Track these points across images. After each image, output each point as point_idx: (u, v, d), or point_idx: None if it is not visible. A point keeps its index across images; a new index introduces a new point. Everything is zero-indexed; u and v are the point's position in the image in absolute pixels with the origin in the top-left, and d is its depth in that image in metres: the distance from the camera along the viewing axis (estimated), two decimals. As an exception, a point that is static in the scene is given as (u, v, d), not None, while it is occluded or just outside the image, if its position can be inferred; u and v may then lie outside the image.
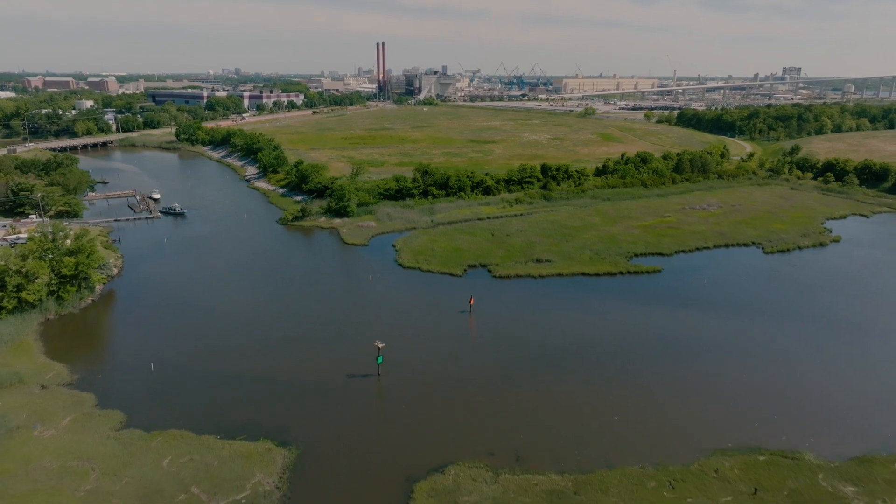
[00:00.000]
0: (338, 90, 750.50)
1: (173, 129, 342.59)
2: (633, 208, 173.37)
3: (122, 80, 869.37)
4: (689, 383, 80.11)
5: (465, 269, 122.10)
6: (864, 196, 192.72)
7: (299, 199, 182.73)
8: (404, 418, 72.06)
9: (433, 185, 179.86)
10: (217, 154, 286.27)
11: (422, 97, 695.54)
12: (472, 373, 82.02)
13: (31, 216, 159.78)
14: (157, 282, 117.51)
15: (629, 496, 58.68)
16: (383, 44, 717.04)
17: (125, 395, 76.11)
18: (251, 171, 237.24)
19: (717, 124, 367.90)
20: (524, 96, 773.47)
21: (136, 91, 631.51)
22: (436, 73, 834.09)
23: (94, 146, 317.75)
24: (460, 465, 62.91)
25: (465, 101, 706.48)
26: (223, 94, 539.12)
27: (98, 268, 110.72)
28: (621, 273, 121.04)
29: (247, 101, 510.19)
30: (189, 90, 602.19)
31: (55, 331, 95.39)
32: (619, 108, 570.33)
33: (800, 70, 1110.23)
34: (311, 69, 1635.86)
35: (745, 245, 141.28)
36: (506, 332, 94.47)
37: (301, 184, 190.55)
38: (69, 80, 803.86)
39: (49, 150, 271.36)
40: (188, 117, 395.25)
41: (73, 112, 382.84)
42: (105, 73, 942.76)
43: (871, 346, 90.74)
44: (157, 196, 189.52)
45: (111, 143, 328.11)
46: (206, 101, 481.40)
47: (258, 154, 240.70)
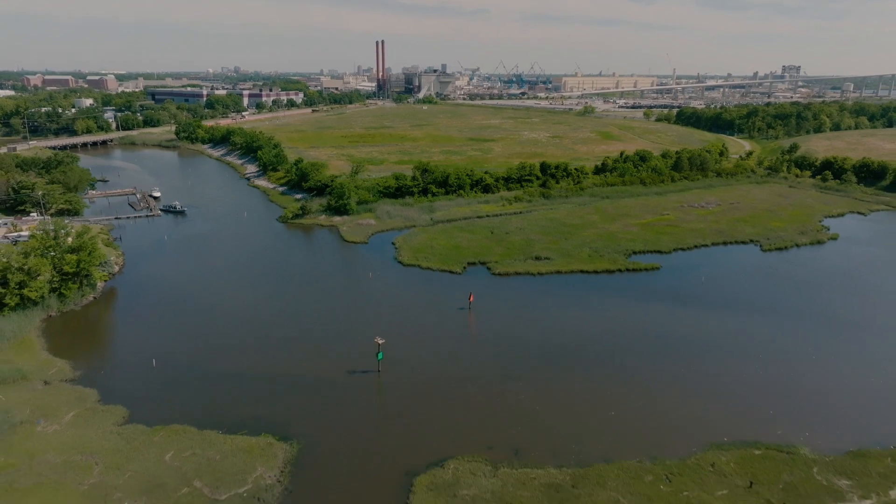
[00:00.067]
0: (337, 88, 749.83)
1: (173, 128, 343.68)
2: (631, 206, 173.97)
3: (121, 78, 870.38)
4: (686, 379, 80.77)
5: (465, 267, 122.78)
6: (861, 194, 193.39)
7: (299, 197, 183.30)
8: (404, 413, 72.76)
9: (433, 184, 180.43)
10: (217, 152, 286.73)
11: (421, 95, 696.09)
12: (471, 369, 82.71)
13: (32, 214, 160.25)
14: (157, 279, 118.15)
15: (626, 489, 59.42)
16: (383, 42, 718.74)
17: (127, 391, 76.79)
18: (251, 169, 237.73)
19: (716, 123, 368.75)
20: (523, 95, 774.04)
21: (136, 89, 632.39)
22: (435, 71, 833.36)
23: (94, 144, 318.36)
24: (459, 459, 63.59)
25: (464, 99, 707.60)
26: (223, 92, 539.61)
27: (99, 265, 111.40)
28: (620, 270, 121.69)
29: (246, 100, 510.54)
30: (189, 89, 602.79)
31: (57, 327, 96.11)
32: (619, 107, 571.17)
33: (799, 68, 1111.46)
34: (310, 67, 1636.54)
35: (743, 243, 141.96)
36: (505, 329, 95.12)
37: (301, 182, 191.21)
38: (68, 78, 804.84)
39: (49, 148, 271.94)
40: (188, 116, 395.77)
41: (72, 110, 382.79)
42: (104, 72, 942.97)
43: (867, 343, 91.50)
44: (157, 194, 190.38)
45: (111, 141, 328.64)
46: (205, 99, 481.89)
47: (258, 152, 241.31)
